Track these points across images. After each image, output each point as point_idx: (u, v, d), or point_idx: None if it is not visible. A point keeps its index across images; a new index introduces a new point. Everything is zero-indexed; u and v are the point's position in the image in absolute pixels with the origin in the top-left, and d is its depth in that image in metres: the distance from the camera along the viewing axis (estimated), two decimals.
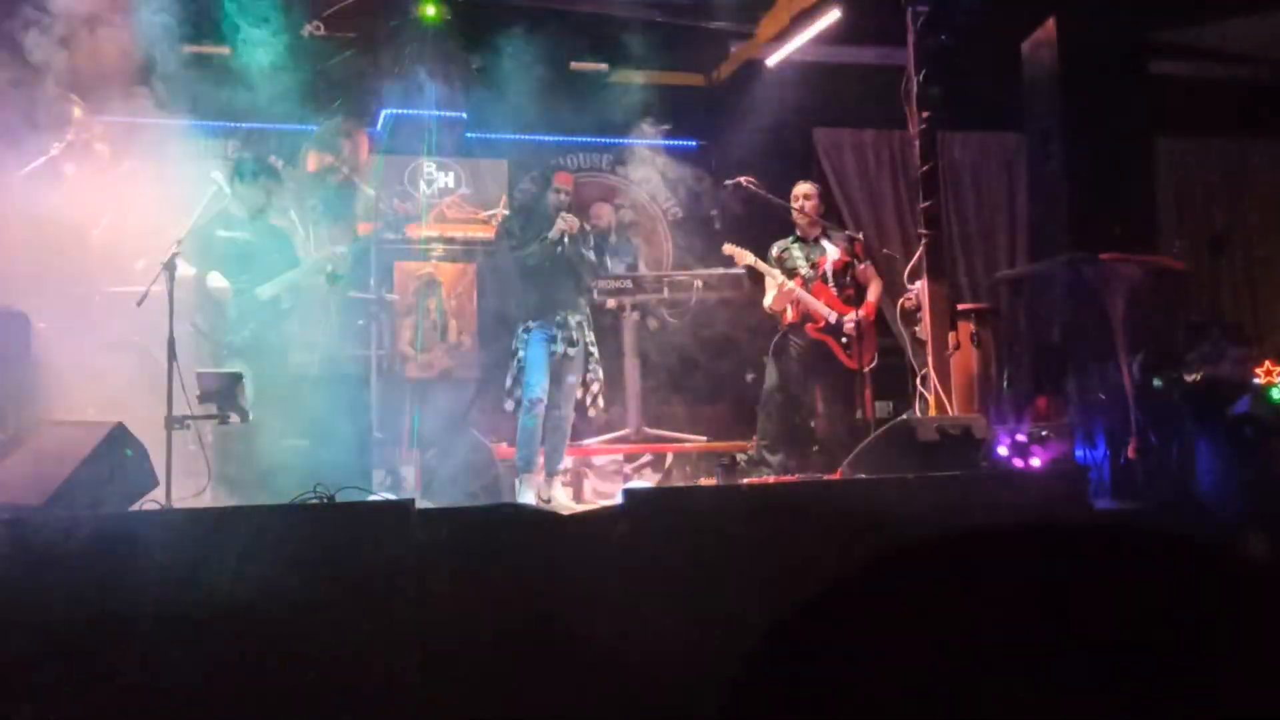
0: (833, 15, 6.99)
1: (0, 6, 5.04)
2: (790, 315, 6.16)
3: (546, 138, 8.10)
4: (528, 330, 5.67)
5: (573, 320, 5.72)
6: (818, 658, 1.31)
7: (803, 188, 6.34)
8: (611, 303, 7.00)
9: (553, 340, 5.63)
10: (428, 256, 7.78)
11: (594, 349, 5.88)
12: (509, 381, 5.71)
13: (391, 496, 5.04)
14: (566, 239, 5.67)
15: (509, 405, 5.73)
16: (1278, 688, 1.20)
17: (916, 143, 6.20)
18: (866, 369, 6.04)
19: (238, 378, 4.52)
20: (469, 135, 7.92)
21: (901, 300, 6.46)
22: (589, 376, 5.83)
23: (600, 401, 5.94)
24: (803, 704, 1.28)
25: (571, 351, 5.68)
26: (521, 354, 5.65)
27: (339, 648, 3.33)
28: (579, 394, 5.84)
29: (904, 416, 6.16)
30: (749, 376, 7.24)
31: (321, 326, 5.88)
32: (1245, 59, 8.27)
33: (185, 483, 4.30)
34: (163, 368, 4.35)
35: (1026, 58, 6.68)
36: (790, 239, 6.30)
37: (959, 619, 1.30)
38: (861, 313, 6.05)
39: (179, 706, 3.14)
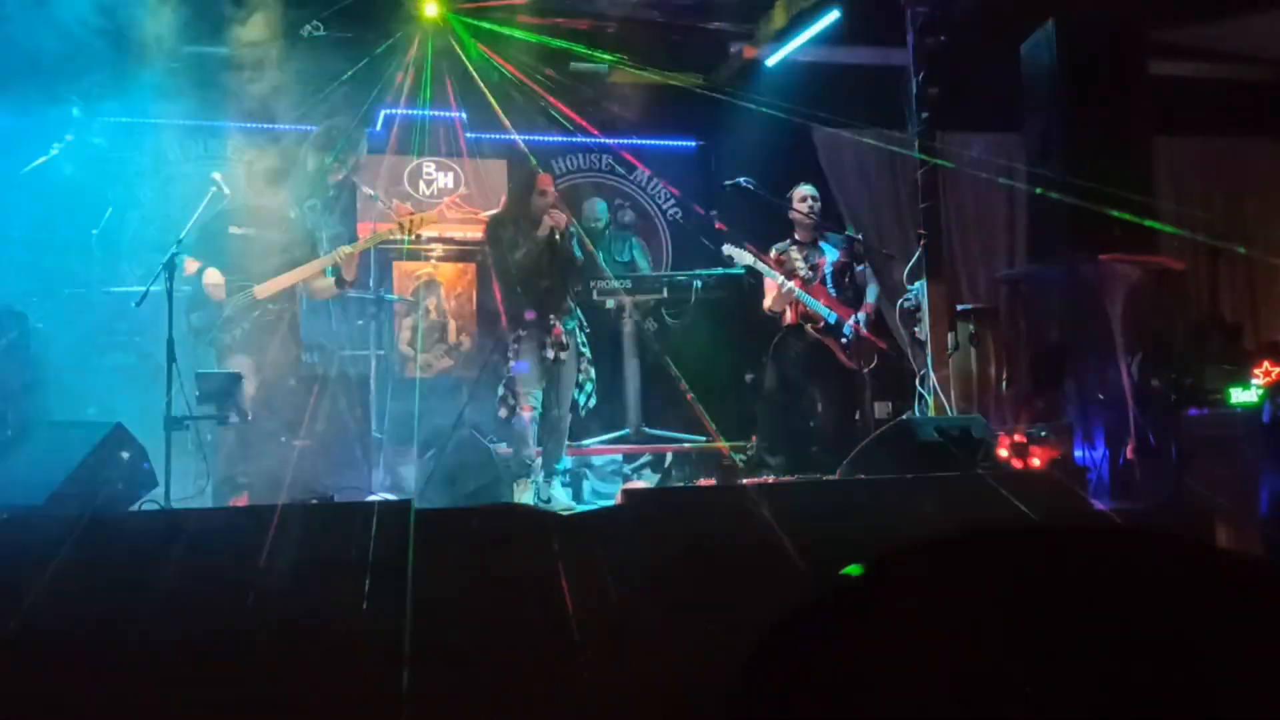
0: (833, 15, 6.99)
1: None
2: (790, 316, 6.16)
3: (546, 138, 8.09)
4: (518, 340, 5.63)
5: (563, 323, 5.71)
6: (817, 658, 1.31)
7: (802, 190, 6.34)
8: (611, 303, 6.98)
9: (543, 346, 5.61)
10: (427, 257, 7.78)
11: (585, 349, 5.87)
12: (501, 390, 5.69)
13: (391, 496, 5.03)
14: (557, 235, 5.64)
15: (502, 413, 5.70)
16: (1277, 688, 1.21)
17: (916, 143, 6.21)
18: (866, 370, 6.05)
19: (237, 378, 4.52)
20: (469, 135, 7.92)
21: (901, 301, 6.47)
22: (581, 377, 5.82)
23: (593, 402, 5.93)
24: (802, 704, 1.28)
25: (563, 355, 5.67)
26: (512, 364, 5.63)
27: (339, 647, 3.33)
28: (573, 394, 5.83)
29: (904, 417, 6.16)
30: (749, 377, 7.24)
31: (321, 326, 5.87)
32: (1245, 59, 8.26)
33: (185, 483, 4.30)
34: (162, 368, 4.35)
35: (1026, 58, 6.68)
36: (789, 241, 6.30)
37: (958, 620, 1.30)
38: (861, 314, 6.05)
39: (177, 706, 3.14)
